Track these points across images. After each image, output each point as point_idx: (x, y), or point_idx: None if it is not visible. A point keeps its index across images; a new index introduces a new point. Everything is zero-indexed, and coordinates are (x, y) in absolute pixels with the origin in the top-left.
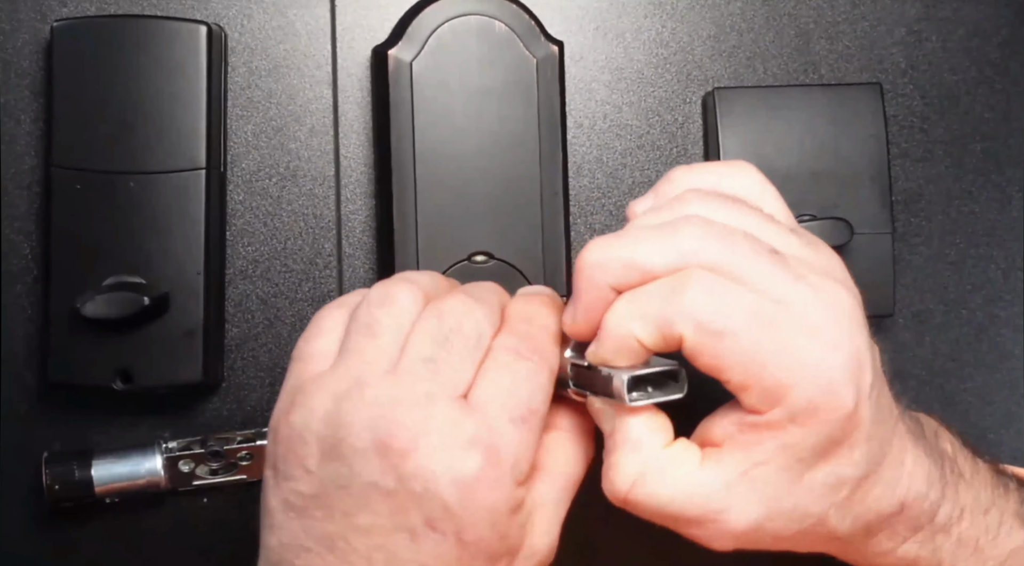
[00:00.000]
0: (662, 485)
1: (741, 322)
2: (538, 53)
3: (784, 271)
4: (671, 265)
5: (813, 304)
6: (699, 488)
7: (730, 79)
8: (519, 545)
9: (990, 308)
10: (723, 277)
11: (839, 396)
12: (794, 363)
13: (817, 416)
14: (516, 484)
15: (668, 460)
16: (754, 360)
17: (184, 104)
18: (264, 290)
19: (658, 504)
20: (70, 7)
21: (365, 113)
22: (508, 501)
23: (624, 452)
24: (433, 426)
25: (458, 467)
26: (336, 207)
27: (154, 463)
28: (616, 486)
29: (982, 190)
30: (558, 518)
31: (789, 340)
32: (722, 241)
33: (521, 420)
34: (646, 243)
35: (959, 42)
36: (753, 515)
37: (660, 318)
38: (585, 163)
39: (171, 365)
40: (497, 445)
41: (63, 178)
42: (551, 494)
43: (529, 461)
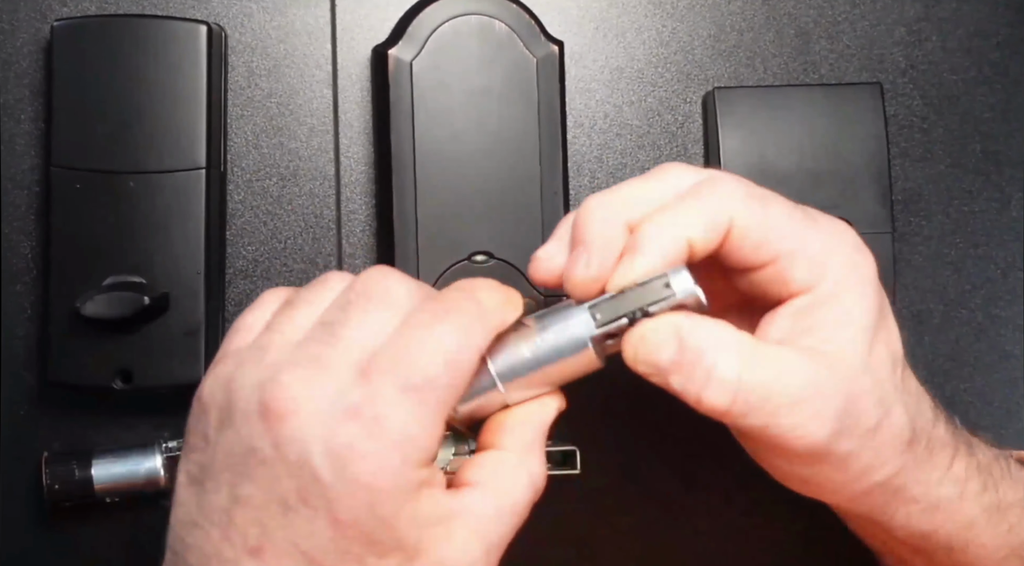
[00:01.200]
0: (764, 365)
1: (780, 214)
2: (538, 53)
3: (810, 220)
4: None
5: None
6: (789, 365)
7: (730, 79)
8: (417, 547)
9: (990, 308)
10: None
11: (869, 259)
12: (828, 235)
13: (860, 274)
14: (408, 464)
15: (752, 343)
16: (800, 225)
17: (184, 104)
18: (264, 289)
19: (764, 384)
20: (70, 7)
21: (365, 113)
22: (393, 481)
23: (713, 348)
24: (316, 391)
25: (334, 437)
26: (336, 207)
27: (154, 463)
28: (726, 384)
29: (982, 190)
30: (487, 539)
31: (818, 226)
32: (746, 188)
33: (414, 389)
34: (650, 181)
35: (959, 42)
36: (839, 396)
37: (707, 210)
38: (585, 163)
39: (171, 365)
40: (381, 416)
41: (63, 178)
42: (481, 509)
43: (430, 439)
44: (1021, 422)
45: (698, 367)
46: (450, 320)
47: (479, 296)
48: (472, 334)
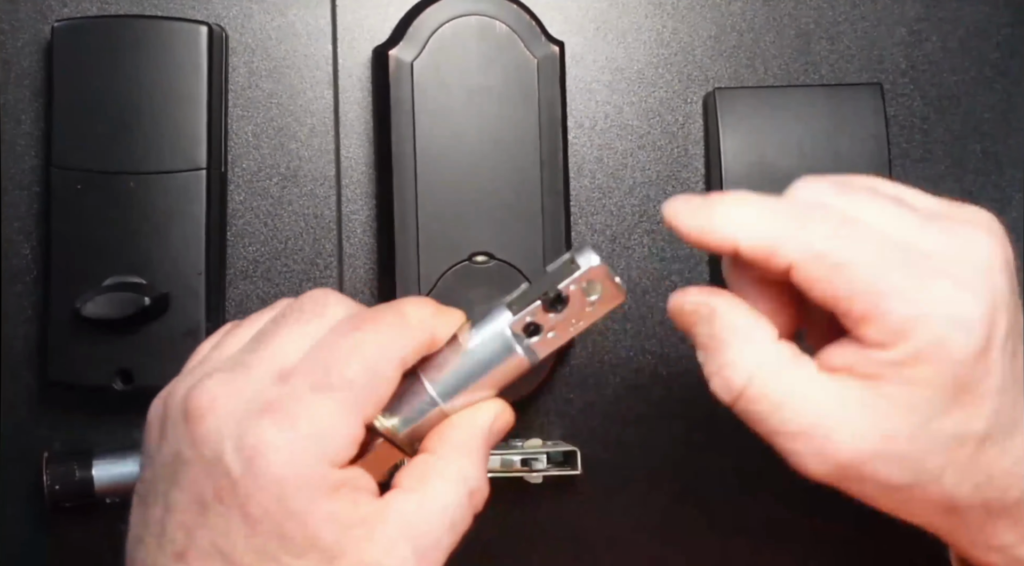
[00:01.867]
0: (779, 384)
1: (865, 255)
2: (538, 53)
3: (911, 215)
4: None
5: (949, 244)
6: (815, 397)
7: (730, 79)
8: (340, 547)
9: None
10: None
11: (971, 334)
12: (923, 297)
13: (946, 354)
14: (321, 461)
15: (786, 359)
16: (878, 291)
17: (184, 104)
18: (264, 290)
19: (771, 405)
20: (70, 7)
21: (366, 113)
22: (302, 475)
23: (738, 345)
24: (233, 392)
25: (246, 434)
26: (336, 207)
27: None
28: (732, 382)
29: (982, 190)
30: (418, 542)
31: (917, 275)
32: (843, 191)
33: (327, 388)
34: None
35: (959, 42)
36: (865, 444)
37: (772, 238)
38: (585, 163)
39: (171, 365)
40: (293, 413)
41: (63, 178)
42: (406, 509)
43: (344, 436)
44: None
45: (717, 355)
46: (369, 328)
47: (404, 309)
48: (392, 341)
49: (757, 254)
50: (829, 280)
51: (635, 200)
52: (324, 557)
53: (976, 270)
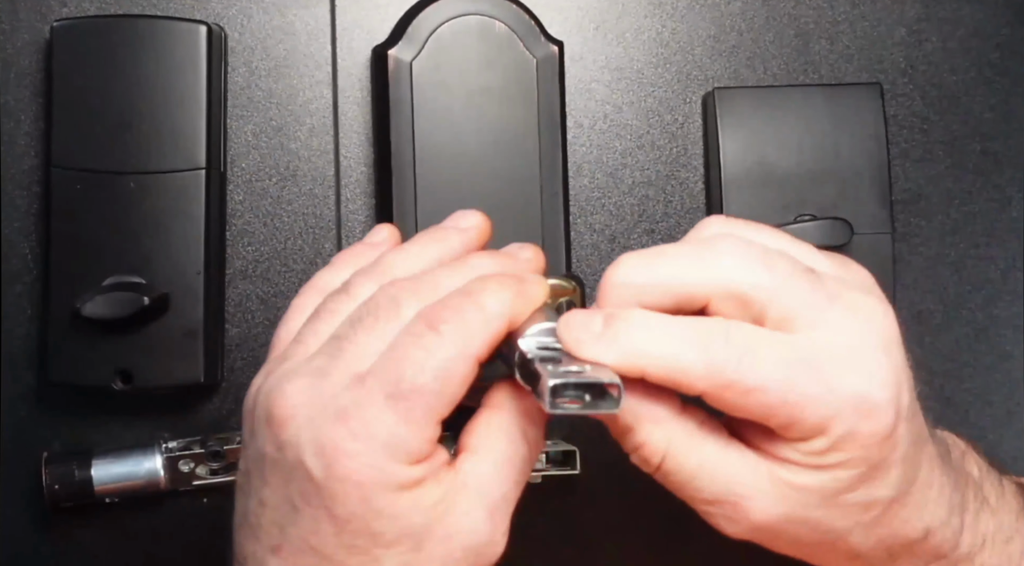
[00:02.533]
0: (689, 458)
1: (772, 374)
2: (538, 53)
3: (822, 293)
4: (706, 287)
5: (850, 329)
6: (726, 467)
7: (730, 79)
8: (424, 529)
9: (990, 308)
10: (759, 306)
11: (880, 420)
12: (832, 398)
13: (858, 442)
14: (397, 462)
15: (693, 433)
16: (790, 406)
17: (184, 104)
18: (264, 290)
19: (685, 477)
20: (70, 7)
21: (365, 113)
22: (381, 478)
23: (645, 429)
24: (312, 398)
25: (322, 439)
26: (336, 207)
27: (154, 463)
28: (648, 461)
29: (982, 190)
30: (488, 499)
31: (825, 375)
32: (761, 261)
33: (400, 396)
34: (680, 260)
35: (959, 42)
36: (774, 512)
37: (678, 370)
38: (585, 163)
39: (171, 365)
40: (368, 420)
41: (63, 178)
42: (476, 471)
43: (418, 441)
44: (1021, 422)
45: (629, 439)
46: (444, 329)
47: (483, 300)
48: (465, 341)
49: (665, 383)
50: (743, 404)
51: (634, 200)
52: (414, 542)
53: (878, 352)
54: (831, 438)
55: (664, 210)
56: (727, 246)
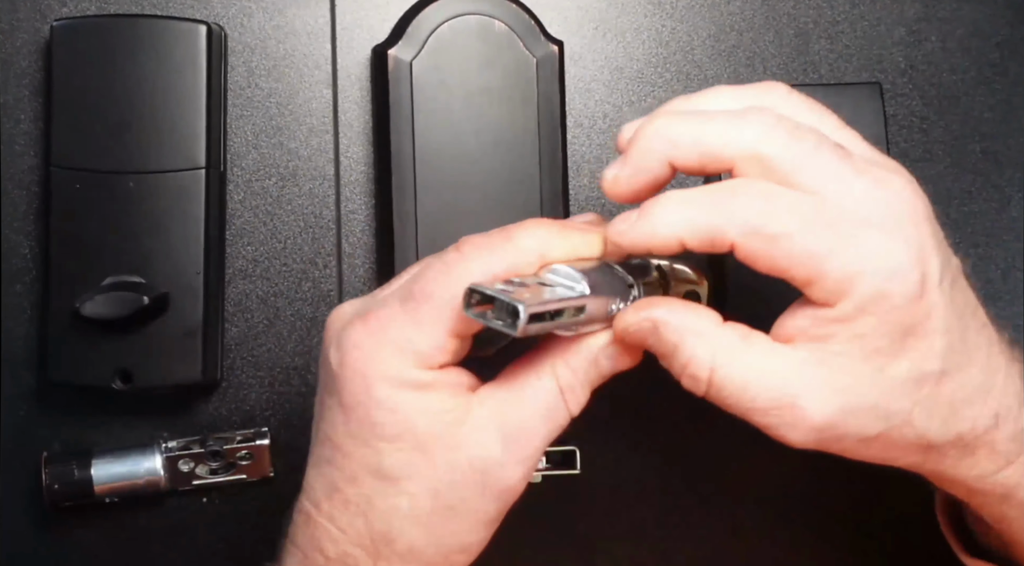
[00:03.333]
0: (738, 367)
1: (797, 224)
2: (538, 53)
3: (849, 166)
4: (732, 150)
5: (875, 197)
6: (774, 369)
7: (730, 79)
8: (430, 432)
9: (990, 308)
10: (783, 173)
11: (906, 280)
12: (856, 254)
13: (886, 302)
14: (403, 360)
15: (737, 341)
16: (815, 256)
17: (184, 104)
18: (264, 290)
19: (736, 388)
20: (70, 7)
21: (365, 113)
22: (385, 371)
23: (689, 344)
24: (354, 308)
25: (342, 334)
26: (336, 207)
27: (154, 463)
28: (697, 378)
29: (982, 190)
30: (502, 425)
31: (849, 234)
32: (790, 135)
33: (412, 300)
34: (714, 124)
35: (959, 42)
36: (832, 405)
37: (709, 226)
38: (585, 163)
39: (171, 365)
40: (382, 321)
41: (63, 178)
42: (494, 397)
43: (427, 344)
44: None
45: (676, 357)
46: (467, 251)
47: (514, 233)
48: (483, 262)
49: (702, 245)
50: (768, 252)
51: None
52: (416, 442)
53: (902, 220)
54: (857, 298)
55: None
56: (759, 117)
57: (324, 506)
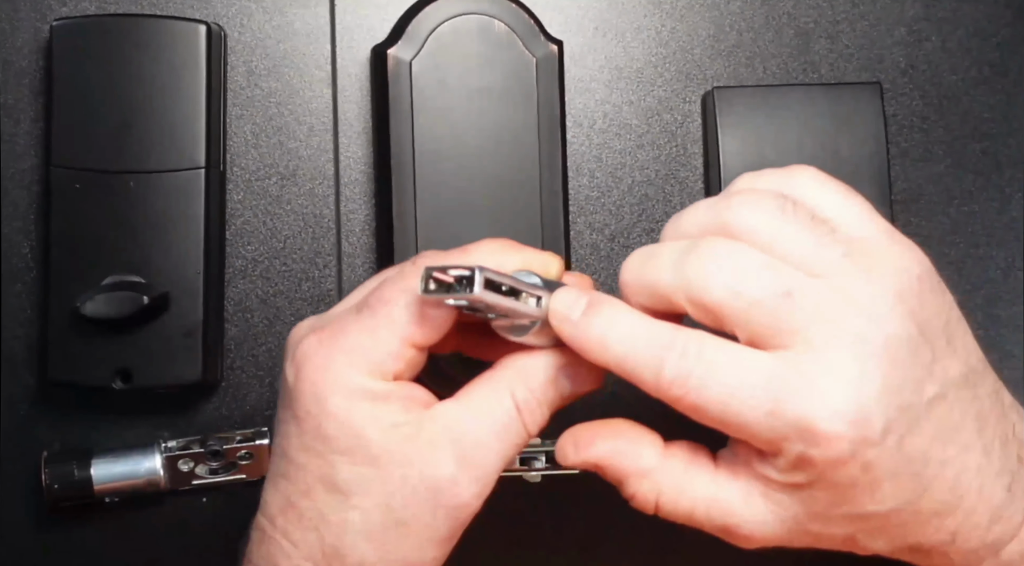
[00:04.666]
0: (681, 503)
1: (717, 395)
2: (538, 53)
3: (792, 317)
4: (679, 297)
5: (811, 354)
6: (716, 500)
7: (730, 79)
8: (384, 447)
9: (990, 308)
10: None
11: (829, 447)
12: (777, 423)
13: (815, 465)
14: (357, 370)
15: (680, 473)
16: (736, 424)
17: (184, 104)
18: (264, 290)
19: (683, 516)
20: (70, 7)
21: (365, 113)
22: (337, 381)
23: (633, 482)
24: (308, 324)
25: (297, 347)
26: (336, 207)
27: (153, 463)
28: (645, 507)
29: (982, 190)
30: (457, 443)
31: (774, 400)
32: (732, 278)
33: (366, 306)
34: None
35: (959, 42)
36: (775, 531)
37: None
38: (585, 163)
39: (171, 365)
40: (334, 330)
41: (63, 178)
42: (449, 415)
43: (381, 352)
44: None
45: (622, 489)
46: (421, 263)
47: (470, 247)
48: None
49: (625, 378)
50: (695, 414)
51: (634, 199)
52: (369, 456)
53: (848, 374)
54: (787, 459)
55: (664, 210)
56: (705, 254)
57: (279, 521)
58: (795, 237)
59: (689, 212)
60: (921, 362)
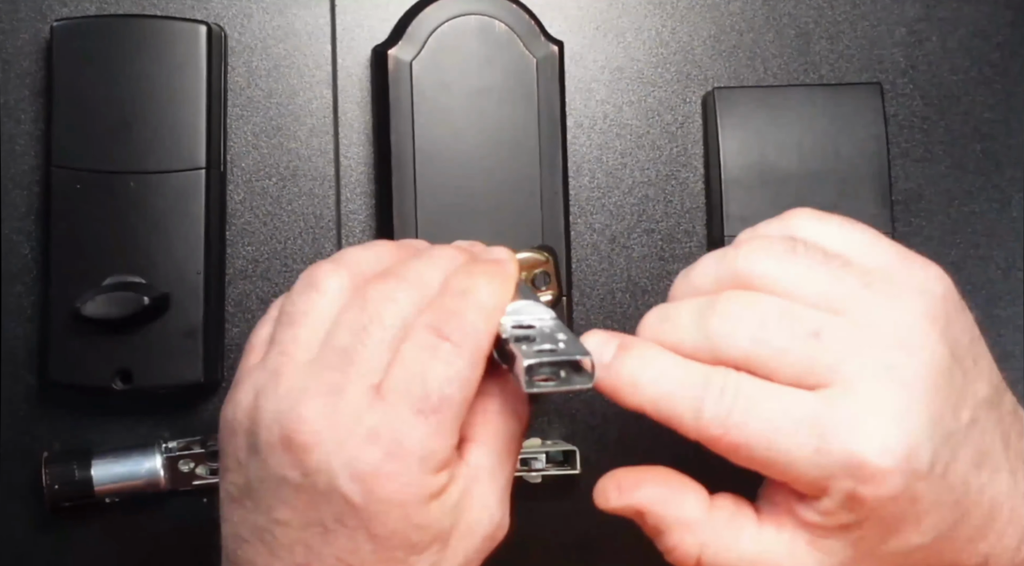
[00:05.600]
0: (726, 557)
1: (761, 429)
2: (538, 53)
3: (823, 358)
4: (707, 355)
5: (860, 388)
6: (763, 554)
7: (730, 79)
8: (450, 528)
9: (990, 308)
10: (757, 369)
11: (881, 484)
12: (825, 460)
13: (864, 503)
14: (429, 473)
15: (723, 527)
16: (782, 463)
17: (184, 104)
18: (264, 290)
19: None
20: (70, 7)
21: (365, 113)
22: (418, 493)
23: (676, 534)
24: (336, 420)
25: (357, 462)
26: (336, 207)
27: (154, 463)
28: (684, 563)
29: (982, 190)
30: (498, 486)
31: (820, 438)
32: (754, 332)
33: (431, 410)
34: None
35: (959, 42)
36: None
37: (673, 416)
38: (585, 163)
39: (171, 365)
40: (400, 438)
41: (63, 178)
42: (485, 464)
43: (448, 449)
44: None
45: (662, 541)
46: (456, 339)
47: (480, 298)
48: (478, 346)
49: (662, 422)
50: (735, 457)
51: (634, 200)
52: (442, 542)
53: (891, 411)
54: (835, 499)
55: (664, 210)
56: (725, 310)
57: None
58: (811, 276)
59: (699, 267)
60: (956, 387)
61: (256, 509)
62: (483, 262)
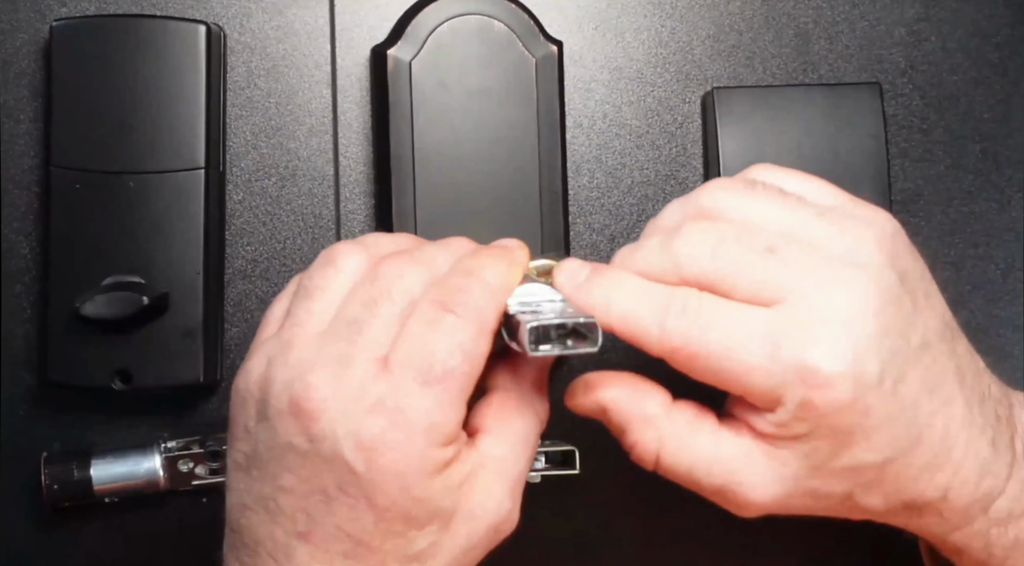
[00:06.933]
0: (684, 452)
1: (719, 343)
2: (537, 53)
3: (778, 272)
4: (671, 277)
5: (803, 302)
6: (718, 457)
7: (730, 79)
8: (453, 508)
9: (990, 308)
10: (716, 286)
11: (832, 390)
12: (778, 368)
13: (816, 410)
14: (434, 447)
15: (684, 425)
16: (737, 372)
17: (183, 104)
18: (264, 290)
19: (683, 470)
20: (69, 7)
21: (364, 113)
22: (420, 465)
23: (637, 428)
24: (342, 389)
25: (361, 431)
26: (335, 207)
27: (153, 463)
28: (644, 458)
29: (982, 190)
30: (508, 478)
31: (775, 347)
32: (712, 250)
33: (435, 381)
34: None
35: (959, 42)
36: (773, 490)
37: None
38: (585, 163)
39: (170, 365)
40: (404, 408)
41: (63, 178)
42: (496, 454)
43: (453, 422)
44: None
45: (624, 438)
46: (461, 312)
47: (485, 276)
48: (483, 321)
49: (630, 341)
50: (695, 369)
51: (633, 200)
52: (442, 521)
53: (841, 322)
54: (789, 408)
55: None
56: (687, 233)
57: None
58: (768, 208)
59: (664, 211)
60: (905, 311)
61: (262, 478)
62: (491, 247)
